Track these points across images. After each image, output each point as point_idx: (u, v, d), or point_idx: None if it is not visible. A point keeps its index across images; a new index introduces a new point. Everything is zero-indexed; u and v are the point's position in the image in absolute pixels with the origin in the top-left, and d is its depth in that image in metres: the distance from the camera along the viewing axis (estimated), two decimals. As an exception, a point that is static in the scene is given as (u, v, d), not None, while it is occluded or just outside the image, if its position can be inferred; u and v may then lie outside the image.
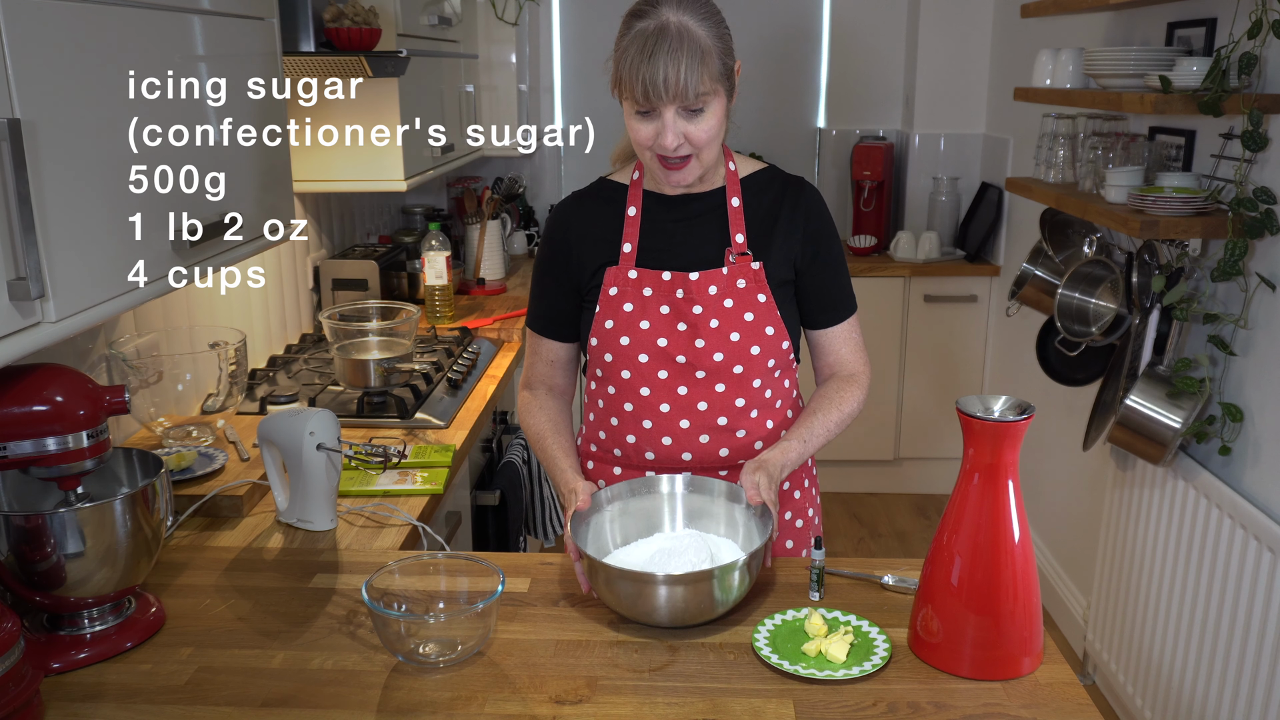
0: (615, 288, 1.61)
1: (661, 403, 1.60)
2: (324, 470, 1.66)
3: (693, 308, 1.58)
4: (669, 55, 1.42)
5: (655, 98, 1.44)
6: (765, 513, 1.45)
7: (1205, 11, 2.44)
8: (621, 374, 1.61)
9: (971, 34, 4.15)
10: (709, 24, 1.46)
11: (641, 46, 1.43)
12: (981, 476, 1.25)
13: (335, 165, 2.58)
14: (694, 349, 1.58)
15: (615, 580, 1.35)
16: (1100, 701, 2.86)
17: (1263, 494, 2.21)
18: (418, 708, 1.22)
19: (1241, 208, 2.17)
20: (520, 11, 3.58)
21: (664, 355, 1.59)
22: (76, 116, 1.21)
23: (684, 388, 1.60)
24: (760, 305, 1.59)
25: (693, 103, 1.46)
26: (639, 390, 1.61)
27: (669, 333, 1.59)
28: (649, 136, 1.49)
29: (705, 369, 1.59)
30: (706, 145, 1.51)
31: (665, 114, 1.46)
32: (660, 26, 1.43)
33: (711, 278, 1.58)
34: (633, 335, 1.59)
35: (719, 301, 1.58)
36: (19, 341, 1.12)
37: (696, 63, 1.43)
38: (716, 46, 1.46)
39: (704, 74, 1.45)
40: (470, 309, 3.27)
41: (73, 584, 1.30)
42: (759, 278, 1.59)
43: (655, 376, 1.60)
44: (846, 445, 4.24)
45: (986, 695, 1.25)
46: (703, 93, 1.46)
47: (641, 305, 1.59)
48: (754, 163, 1.70)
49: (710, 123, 1.50)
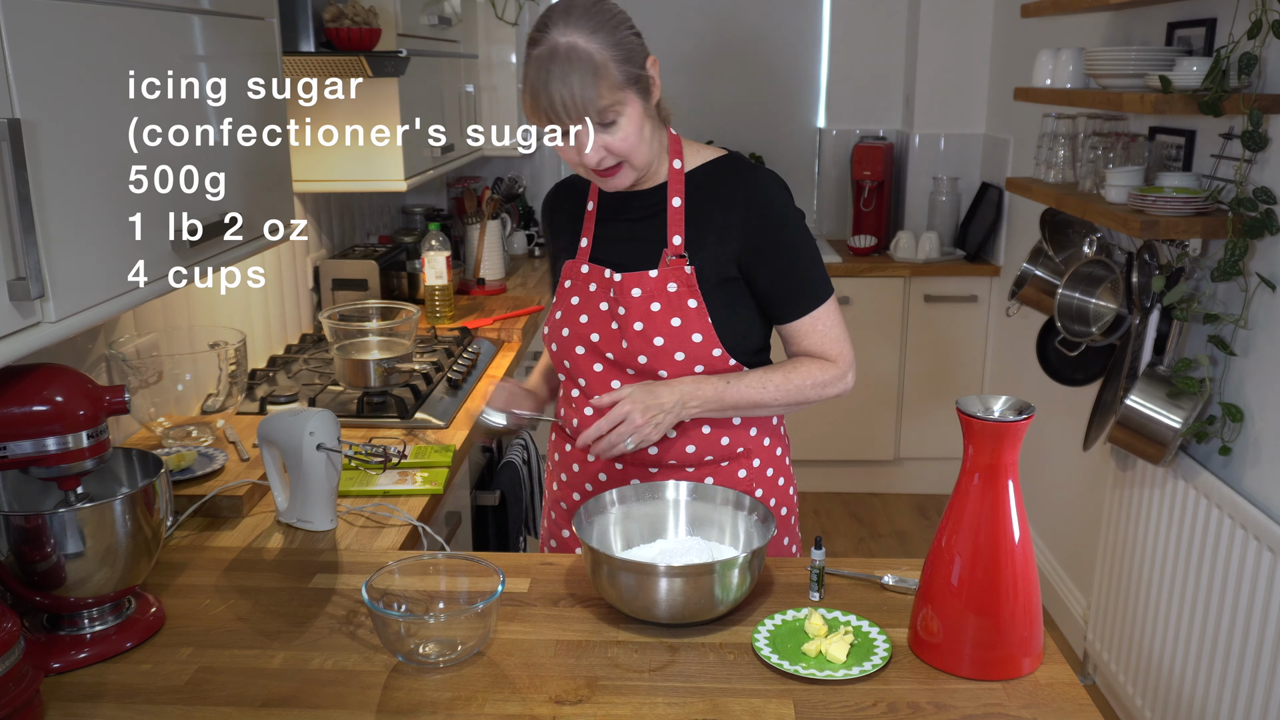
0: (569, 280, 1.67)
1: (596, 394, 1.64)
2: (324, 470, 1.66)
3: (619, 308, 1.60)
4: (560, 78, 1.43)
5: (557, 119, 1.46)
6: (768, 518, 1.45)
7: (1205, 11, 2.44)
8: (564, 363, 1.68)
9: (971, 34, 4.15)
10: (600, 35, 1.45)
11: (537, 72, 1.45)
12: (981, 476, 1.25)
13: (335, 165, 2.58)
14: (620, 348, 1.61)
15: (618, 572, 1.35)
16: (1100, 701, 2.86)
17: (1263, 494, 2.21)
18: (418, 708, 1.22)
19: (1241, 208, 2.17)
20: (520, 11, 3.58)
21: (596, 350, 1.63)
22: (76, 116, 1.21)
23: (616, 382, 1.64)
24: (689, 310, 1.58)
25: (599, 118, 1.47)
26: (578, 380, 1.67)
27: (602, 329, 1.63)
28: (573, 155, 1.52)
29: (633, 368, 1.62)
30: (630, 152, 1.52)
31: (579, 133, 1.48)
32: (550, 50, 1.44)
33: (637, 280, 1.59)
34: (572, 328, 1.65)
35: (644, 305, 1.58)
36: (19, 341, 1.12)
37: (590, 78, 1.44)
38: (612, 55, 1.46)
39: (601, 88, 1.45)
40: (470, 309, 3.27)
41: (73, 584, 1.30)
42: (690, 282, 1.58)
43: (591, 369, 1.65)
44: (846, 445, 4.24)
45: (986, 695, 1.25)
46: (605, 106, 1.46)
47: (585, 300, 1.64)
48: (709, 152, 1.66)
49: (627, 130, 1.50)
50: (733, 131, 4.46)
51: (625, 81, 1.47)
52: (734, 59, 4.48)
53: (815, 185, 4.58)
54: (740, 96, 4.48)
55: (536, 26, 1.48)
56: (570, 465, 1.74)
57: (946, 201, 4.24)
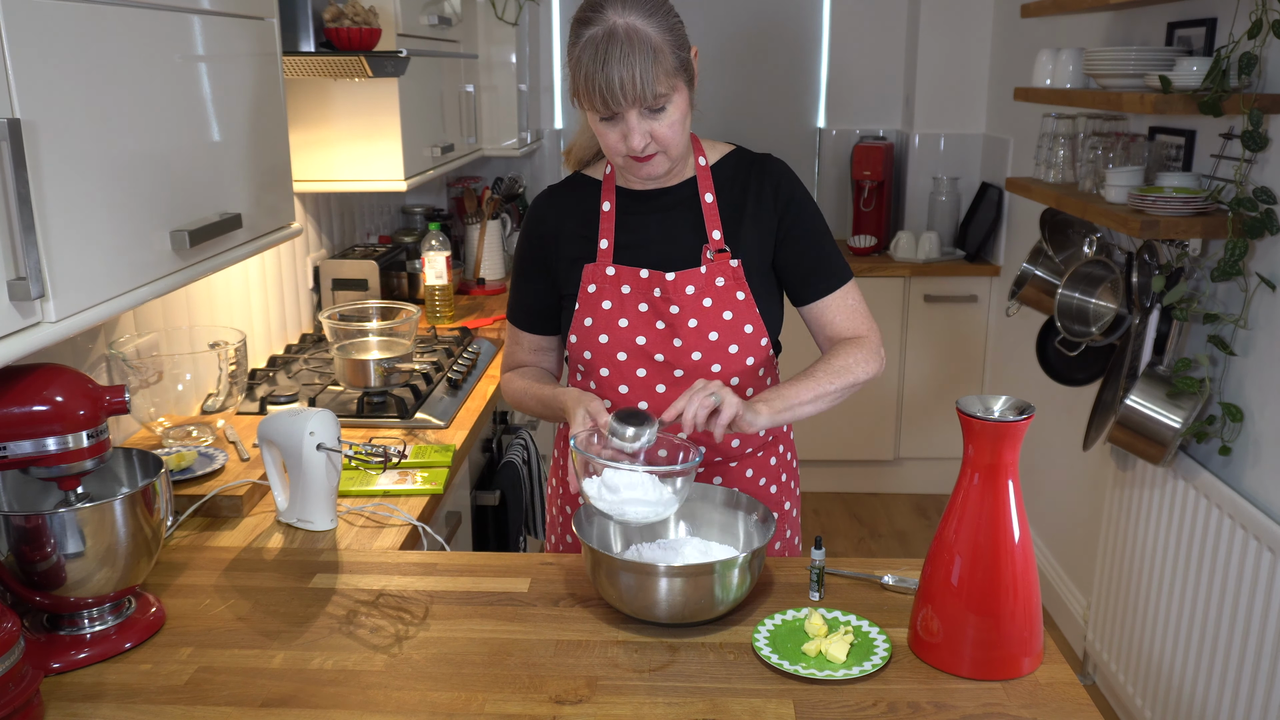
0: (594, 285, 1.60)
1: (640, 400, 1.61)
2: (324, 470, 1.66)
3: (670, 307, 1.57)
4: (622, 60, 1.40)
5: (614, 104, 1.43)
6: (768, 518, 1.45)
7: (1205, 11, 2.44)
8: (600, 371, 1.62)
9: (971, 34, 4.15)
10: (657, 19, 1.43)
11: (594, 54, 1.41)
12: (981, 476, 1.25)
13: (335, 165, 2.58)
14: (672, 348, 1.58)
15: (618, 571, 1.35)
16: (1100, 701, 2.86)
17: (1263, 494, 2.21)
18: (418, 707, 1.22)
19: (1241, 208, 2.17)
20: (520, 11, 3.58)
21: (642, 353, 1.59)
22: (76, 116, 1.21)
23: (662, 385, 1.60)
24: (739, 303, 1.58)
25: (653, 103, 1.44)
26: (618, 388, 1.62)
27: (647, 331, 1.58)
28: (617, 140, 1.48)
29: (683, 368, 1.59)
30: (672, 141, 1.50)
31: (629, 117, 1.45)
32: (609, 31, 1.41)
33: (689, 277, 1.57)
34: (611, 333, 1.59)
35: (697, 301, 1.57)
36: (19, 341, 1.12)
37: (650, 63, 1.41)
38: (668, 40, 1.44)
39: (659, 72, 1.42)
40: (470, 309, 3.27)
41: (73, 584, 1.30)
42: (738, 275, 1.58)
43: (634, 374, 1.60)
44: (846, 445, 4.24)
45: (986, 695, 1.25)
46: (661, 92, 1.44)
47: (620, 302, 1.59)
48: (722, 147, 1.67)
49: (674, 118, 1.49)
50: (733, 131, 4.46)
51: (677, 68, 1.46)
52: (734, 59, 4.48)
53: (815, 185, 4.58)
54: (740, 96, 4.48)
55: (588, 6, 1.44)
56: None
57: (946, 201, 4.24)
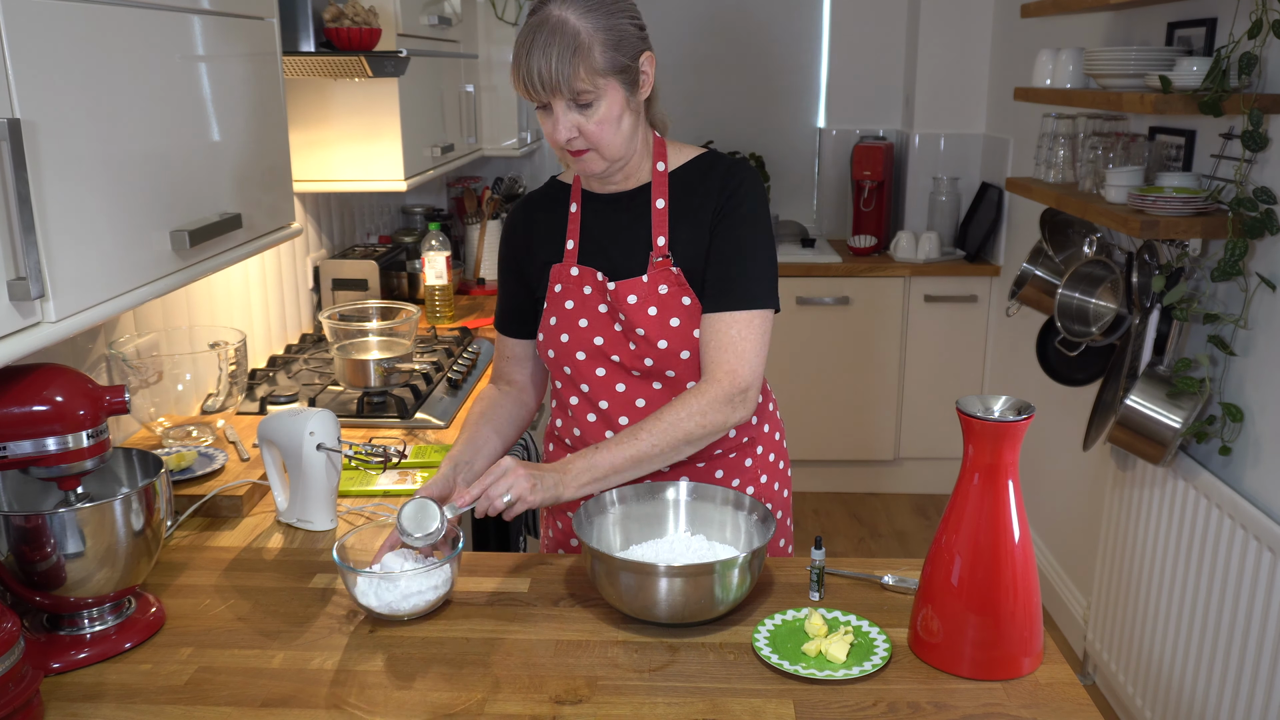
0: (560, 284, 1.62)
1: (601, 399, 1.62)
2: (324, 470, 1.66)
3: (619, 314, 1.58)
4: (542, 49, 1.41)
5: (533, 91, 1.44)
6: (768, 518, 1.45)
7: (1205, 11, 2.44)
8: (564, 369, 1.64)
9: (971, 34, 4.15)
10: (594, 17, 1.43)
11: (523, 40, 1.43)
12: (981, 476, 1.25)
13: (335, 165, 2.58)
14: (627, 350, 1.59)
15: (618, 571, 1.35)
16: (1100, 701, 2.86)
17: (1263, 494, 2.21)
18: (417, 707, 1.22)
19: (1241, 208, 2.17)
20: (520, 11, 3.58)
21: (600, 354, 1.60)
22: (76, 116, 1.21)
23: (622, 385, 1.61)
24: (685, 309, 1.56)
25: (574, 97, 1.44)
26: (580, 386, 1.64)
27: (605, 332, 1.59)
28: (549, 130, 1.49)
29: (639, 369, 1.60)
30: (602, 141, 1.48)
31: (555, 107, 1.46)
32: (541, 20, 1.43)
33: (631, 286, 1.57)
34: (572, 333, 1.61)
35: (643, 309, 1.57)
36: (19, 341, 1.12)
37: (569, 56, 1.40)
38: (601, 38, 1.42)
39: (579, 67, 1.41)
40: (470, 309, 3.27)
41: (73, 584, 1.30)
42: (680, 280, 1.56)
43: (594, 374, 1.62)
44: (846, 445, 4.24)
45: (986, 695, 1.25)
46: (582, 89, 1.43)
47: (581, 303, 1.60)
48: (692, 151, 1.64)
49: (602, 116, 1.46)
50: (733, 131, 4.46)
51: (608, 68, 1.44)
52: (734, 59, 4.48)
53: (815, 185, 4.58)
54: (740, 96, 4.48)
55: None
56: None
57: (946, 201, 4.24)
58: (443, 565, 1.39)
